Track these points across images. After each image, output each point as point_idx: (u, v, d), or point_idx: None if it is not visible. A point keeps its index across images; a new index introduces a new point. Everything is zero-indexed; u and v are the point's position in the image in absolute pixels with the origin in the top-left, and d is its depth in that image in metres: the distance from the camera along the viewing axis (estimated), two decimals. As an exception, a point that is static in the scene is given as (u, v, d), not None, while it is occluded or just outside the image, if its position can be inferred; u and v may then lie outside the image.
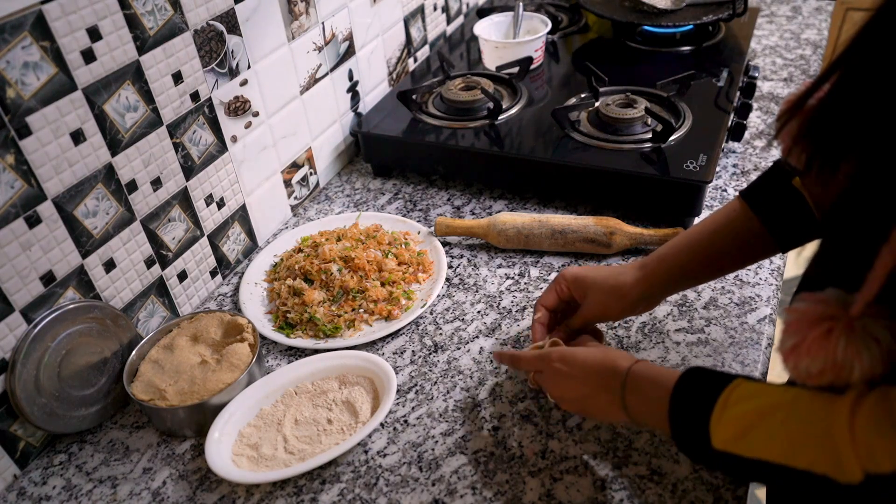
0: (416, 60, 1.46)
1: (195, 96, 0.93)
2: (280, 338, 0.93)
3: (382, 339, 0.93)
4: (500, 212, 1.09)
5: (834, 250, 0.51)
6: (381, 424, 0.81)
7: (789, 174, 0.68)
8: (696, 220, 1.05)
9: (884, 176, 0.45)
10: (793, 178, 0.68)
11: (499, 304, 0.96)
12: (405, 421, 0.82)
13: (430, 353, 0.90)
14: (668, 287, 0.78)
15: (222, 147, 0.99)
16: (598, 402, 0.68)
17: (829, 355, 0.47)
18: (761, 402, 0.54)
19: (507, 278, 1.00)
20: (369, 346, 0.92)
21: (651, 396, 0.63)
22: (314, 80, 1.16)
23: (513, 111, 1.21)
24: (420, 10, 1.43)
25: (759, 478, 0.54)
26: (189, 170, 0.95)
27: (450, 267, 1.03)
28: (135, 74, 0.83)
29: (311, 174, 1.21)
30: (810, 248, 0.60)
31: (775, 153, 1.18)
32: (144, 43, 0.83)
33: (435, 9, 1.49)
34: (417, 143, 1.18)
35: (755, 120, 1.27)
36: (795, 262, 2.25)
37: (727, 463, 0.55)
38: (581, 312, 0.80)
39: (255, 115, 1.04)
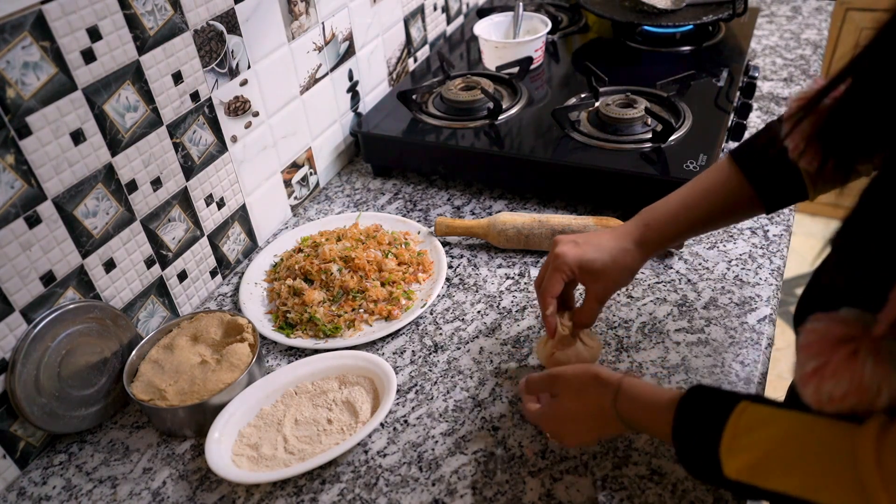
0: (416, 60, 1.46)
1: (195, 96, 0.93)
2: (280, 338, 0.93)
3: (382, 339, 0.93)
4: (500, 212, 1.09)
5: (853, 262, 0.49)
6: (381, 424, 0.81)
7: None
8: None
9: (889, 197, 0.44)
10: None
11: (499, 304, 0.96)
12: (405, 421, 0.82)
13: (430, 353, 0.90)
14: (661, 250, 0.80)
15: (222, 147, 0.99)
16: (592, 417, 0.68)
17: (854, 377, 0.45)
18: (775, 432, 0.51)
19: (507, 278, 1.00)
20: (369, 346, 0.92)
21: (648, 417, 0.62)
22: (314, 80, 1.16)
23: (513, 111, 1.21)
24: (420, 10, 1.43)
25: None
26: (189, 170, 0.95)
27: (450, 267, 1.03)
28: (135, 74, 0.83)
29: (311, 174, 1.21)
30: (812, 252, 0.59)
31: (775, 153, 1.18)
32: (144, 43, 0.83)
33: (435, 9, 1.49)
34: (417, 143, 1.18)
35: (755, 120, 1.27)
36: (795, 262, 2.25)
37: (742, 490, 0.53)
38: (593, 298, 0.77)
39: (255, 115, 1.04)
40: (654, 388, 0.64)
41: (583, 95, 1.21)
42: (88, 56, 0.77)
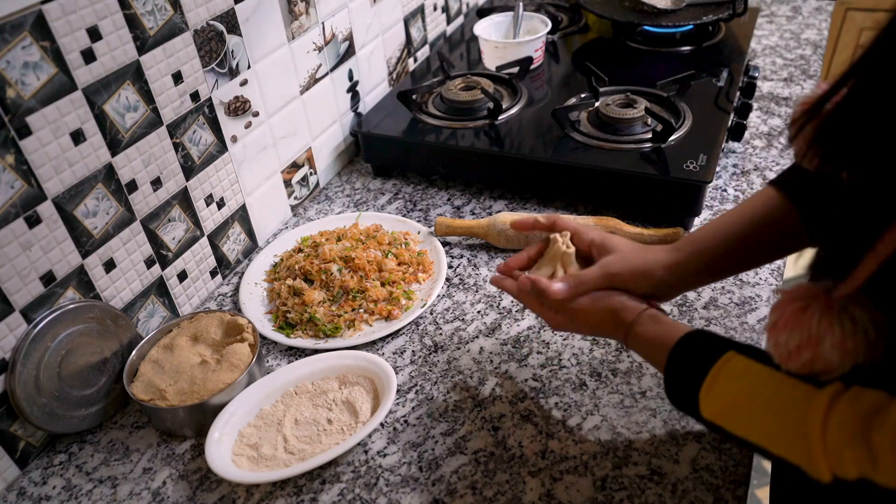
0: (416, 60, 1.46)
1: (195, 96, 0.93)
2: (280, 338, 0.93)
3: (382, 339, 0.93)
4: (500, 212, 1.09)
5: (832, 247, 0.51)
6: (381, 424, 0.81)
7: None
8: (697, 221, 1.05)
9: (886, 182, 0.45)
10: None
11: (499, 304, 0.96)
12: (405, 421, 0.82)
13: (430, 353, 0.90)
14: (697, 277, 0.73)
15: (222, 147, 0.99)
16: (598, 334, 0.75)
17: (804, 329, 0.49)
18: (747, 384, 0.57)
19: (507, 278, 1.00)
20: (369, 346, 0.92)
21: (651, 355, 0.68)
22: (314, 80, 1.16)
23: (513, 111, 1.21)
24: (420, 10, 1.43)
25: (745, 449, 0.58)
26: (189, 170, 0.95)
27: (450, 267, 1.03)
28: (135, 74, 0.83)
29: (311, 174, 1.21)
30: (811, 250, 0.60)
31: (775, 153, 1.18)
32: (144, 43, 0.83)
33: (435, 9, 1.49)
34: (417, 143, 1.18)
35: (755, 120, 1.27)
36: (795, 262, 2.25)
37: (715, 430, 0.60)
38: (597, 276, 0.72)
39: (255, 115, 1.04)
40: (662, 331, 0.67)
41: (583, 95, 1.21)
42: (88, 56, 0.77)
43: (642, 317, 0.69)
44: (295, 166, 1.16)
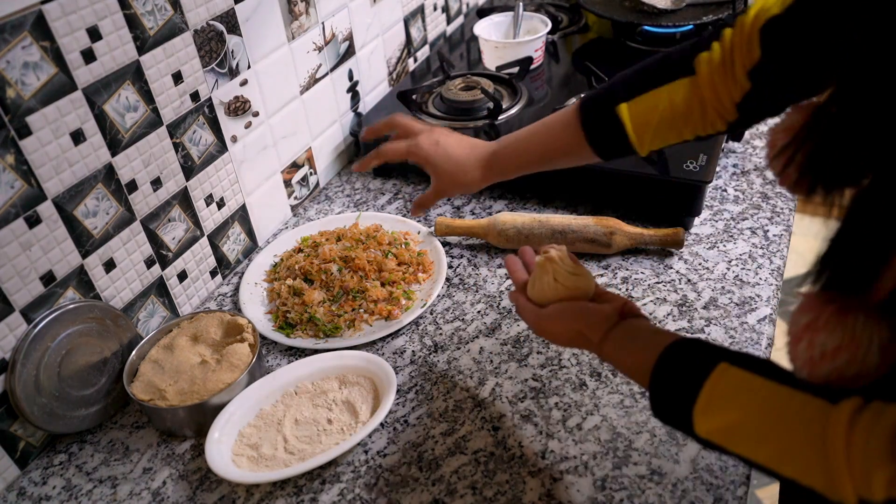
0: (416, 60, 1.46)
1: (195, 96, 0.93)
2: (280, 338, 0.93)
3: (382, 339, 0.93)
4: (500, 212, 1.09)
5: (838, 260, 0.50)
6: (381, 424, 0.81)
7: (616, 100, 0.72)
8: (697, 221, 1.05)
9: (883, 203, 0.45)
10: (616, 105, 0.72)
11: (499, 304, 0.96)
12: (405, 421, 0.82)
13: (430, 353, 0.90)
14: (502, 179, 0.88)
15: (222, 147, 0.99)
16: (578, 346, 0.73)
17: (846, 329, 0.46)
18: (751, 400, 0.53)
19: (507, 278, 1.00)
20: (369, 346, 0.92)
21: (631, 372, 0.66)
22: (314, 80, 1.16)
23: (513, 111, 1.21)
24: (420, 10, 1.43)
25: (747, 466, 0.55)
26: (189, 170, 0.95)
27: (450, 267, 1.03)
28: (135, 74, 0.83)
29: (311, 174, 1.21)
30: (811, 252, 0.59)
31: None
32: (144, 43, 0.83)
33: (435, 9, 1.49)
34: (417, 143, 1.17)
35: (755, 120, 1.26)
36: (795, 262, 2.25)
37: (711, 447, 0.56)
38: (434, 190, 0.90)
39: (255, 115, 1.04)
40: (638, 347, 0.64)
41: (583, 95, 1.21)
42: (88, 56, 0.77)
43: (612, 334, 0.67)
44: (295, 166, 1.16)
